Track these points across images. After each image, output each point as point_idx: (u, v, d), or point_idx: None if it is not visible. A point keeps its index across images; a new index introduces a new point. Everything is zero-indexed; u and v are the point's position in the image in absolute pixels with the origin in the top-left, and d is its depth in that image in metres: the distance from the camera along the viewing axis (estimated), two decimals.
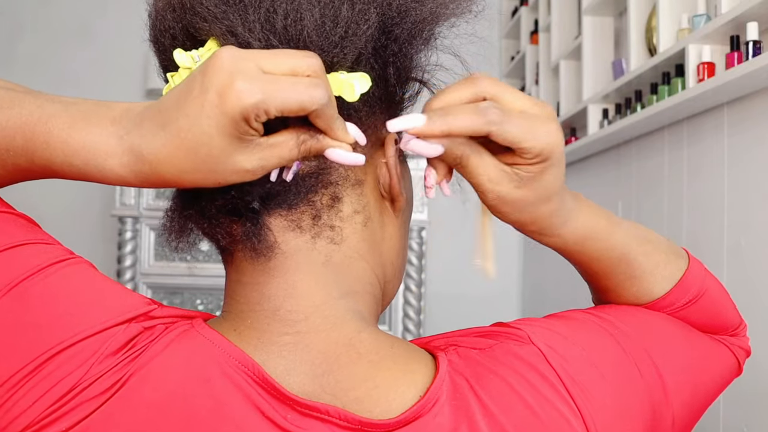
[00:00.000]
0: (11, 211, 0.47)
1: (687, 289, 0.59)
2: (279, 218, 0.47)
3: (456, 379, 0.45)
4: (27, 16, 3.01)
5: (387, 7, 0.47)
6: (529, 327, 0.50)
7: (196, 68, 0.42)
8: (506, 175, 0.47)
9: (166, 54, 0.49)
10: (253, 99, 0.39)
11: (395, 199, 0.52)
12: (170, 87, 0.48)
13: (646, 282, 0.58)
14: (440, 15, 0.50)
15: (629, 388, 0.50)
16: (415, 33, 0.49)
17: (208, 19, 0.45)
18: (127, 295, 0.45)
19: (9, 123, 0.43)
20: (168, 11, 0.48)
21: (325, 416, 0.43)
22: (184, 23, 0.47)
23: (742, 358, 0.63)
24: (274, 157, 0.43)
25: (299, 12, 0.45)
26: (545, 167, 0.46)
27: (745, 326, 0.64)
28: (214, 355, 0.44)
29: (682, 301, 0.59)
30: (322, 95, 0.41)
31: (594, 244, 0.55)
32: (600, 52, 1.98)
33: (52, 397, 0.41)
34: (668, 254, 0.59)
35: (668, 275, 0.58)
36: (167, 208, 0.51)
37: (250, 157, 0.42)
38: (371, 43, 0.47)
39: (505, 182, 0.47)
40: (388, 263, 0.53)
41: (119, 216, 2.48)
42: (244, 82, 0.39)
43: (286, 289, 0.47)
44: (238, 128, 0.40)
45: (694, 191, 1.55)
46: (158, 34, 0.49)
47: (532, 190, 0.47)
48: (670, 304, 0.59)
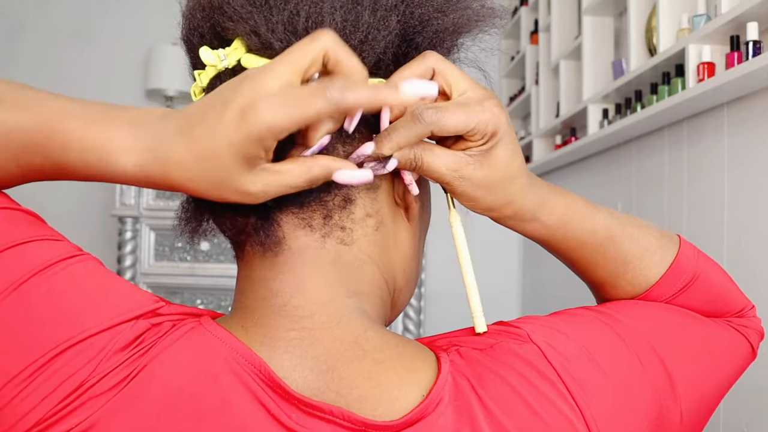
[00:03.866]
0: (17, 208, 0.47)
1: (681, 272, 0.58)
2: (290, 215, 0.48)
3: (458, 380, 0.45)
4: (27, 15, 3.01)
5: (409, 15, 0.48)
6: (529, 325, 0.50)
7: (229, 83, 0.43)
8: (461, 159, 0.48)
9: (194, 52, 0.50)
10: (268, 123, 0.40)
11: (408, 206, 0.52)
12: (197, 84, 0.49)
13: (638, 268, 0.57)
14: (462, 26, 0.51)
15: (631, 382, 0.50)
16: (436, 43, 0.50)
17: (234, 19, 0.47)
18: (135, 292, 0.46)
19: (28, 122, 0.44)
20: (198, 10, 0.49)
21: (329, 416, 0.43)
22: (212, 22, 0.48)
23: (755, 341, 0.61)
24: (280, 184, 0.44)
25: (321, 15, 0.46)
26: (495, 143, 0.48)
27: (754, 307, 0.63)
28: (222, 352, 0.44)
29: (678, 285, 0.58)
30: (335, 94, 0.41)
31: (576, 225, 0.55)
32: (600, 52, 1.98)
33: (61, 394, 0.41)
34: (658, 239, 0.58)
35: (659, 259, 0.58)
36: (182, 202, 0.51)
37: (255, 180, 0.43)
38: (392, 49, 0.48)
39: (463, 165, 0.48)
40: (399, 270, 0.53)
41: (119, 216, 2.48)
42: (267, 107, 0.40)
43: (294, 286, 0.48)
44: (249, 149, 0.41)
45: (694, 191, 1.55)
46: (188, 33, 0.50)
47: (491, 168, 0.49)
48: (666, 291, 0.58)
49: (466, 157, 0.48)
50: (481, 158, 0.48)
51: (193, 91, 0.50)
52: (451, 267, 3.15)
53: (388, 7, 0.47)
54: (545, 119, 2.45)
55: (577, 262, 0.58)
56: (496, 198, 0.50)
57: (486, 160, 0.48)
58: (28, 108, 0.44)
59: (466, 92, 0.48)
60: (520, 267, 2.98)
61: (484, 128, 0.47)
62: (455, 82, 0.48)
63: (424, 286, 2.56)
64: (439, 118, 0.46)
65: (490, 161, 0.48)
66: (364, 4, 0.47)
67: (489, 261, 2.95)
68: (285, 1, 0.46)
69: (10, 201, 0.47)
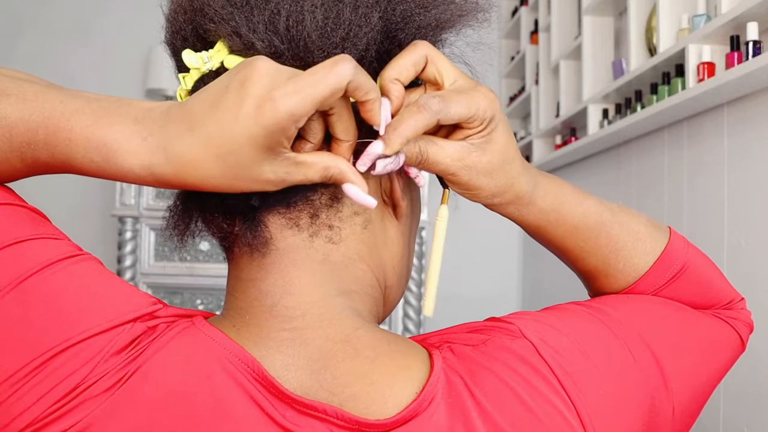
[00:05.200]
0: (21, 204, 0.47)
1: (671, 262, 0.58)
2: (277, 215, 0.48)
3: (451, 377, 0.45)
4: (27, 15, 3.01)
5: (391, 12, 0.48)
6: (522, 320, 0.50)
7: (230, 75, 0.42)
8: (464, 147, 0.48)
9: (178, 55, 0.50)
10: (288, 111, 0.40)
11: (396, 205, 0.52)
12: (182, 88, 0.49)
13: (629, 256, 0.57)
14: (445, 22, 0.51)
15: (623, 375, 0.50)
16: (419, 38, 0.49)
17: (215, 21, 0.46)
18: (133, 293, 0.46)
19: (32, 117, 0.44)
20: (179, 13, 0.49)
21: (322, 415, 0.43)
22: (194, 25, 0.48)
23: (744, 334, 0.61)
24: (299, 173, 0.44)
25: (302, 13, 0.45)
26: (493, 127, 0.48)
27: (743, 300, 0.63)
28: (215, 352, 0.44)
29: (667, 275, 0.58)
30: (347, 67, 0.41)
31: (567, 209, 0.55)
32: (600, 52, 1.98)
33: (56, 395, 0.41)
34: (648, 227, 0.59)
35: (649, 249, 0.58)
36: (169, 205, 0.51)
37: (277, 169, 0.43)
38: (374, 46, 0.48)
39: (467, 154, 0.49)
40: (390, 268, 0.53)
41: (119, 216, 2.48)
42: (282, 96, 0.40)
43: (283, 286, 0.48)
44: (272, 140, 0.41)
45: (694, 191, 1.55)
46: (171, 36, 0.50)
47: (492, 153, 0.49)
48: (656, 281, 0.58)
49: (468, 146, 0.48)
50: (483, 144, 0.49)
51: (179, 94, 0.50)
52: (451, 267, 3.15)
53: (369, 3, 0.47)
54: (545, 119, 2.45)
55: (570, 252, 0.58)
56: (499, 182, 0.50)
57: (487, 146, 0.49)
58: (33, 102, 0.44)
59: (457, 80, 0.48)
60: (520, 267, 2.98)
61: (482, 114, 0.47)
62: (446, 71, 0.48)
63: (424, 286, 2.56)
64: (444, 107, 0.46)
65: (491, 146, 0.49)
66: (345, 1, 0.46)
67: (489, 262, 2.95)
68: (265, 1, 0.46)
69: (13, 197, 0.47)
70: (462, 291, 2.84)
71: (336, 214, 0.49)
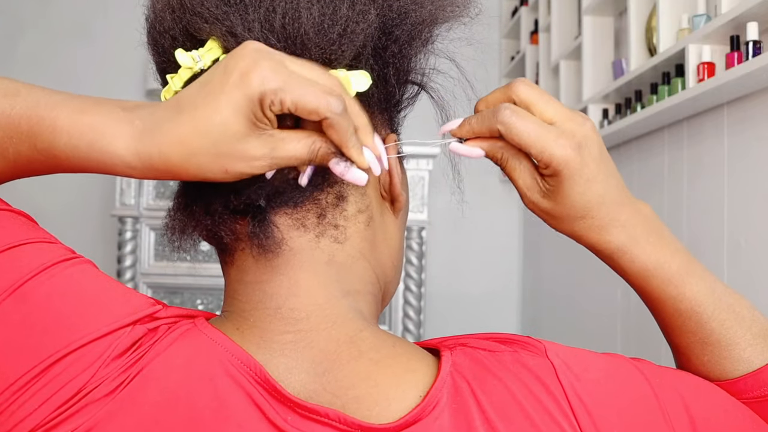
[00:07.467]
0: (9, 209, 0.47)
1: (765, 381, 0.51)
2: (284, 216, 0.47)
3: (458, 381, 0.45)
4: (27, 15, 3.01)
5: (387, 8, 0.48)
6: (552, 344, 0.49)
7: (221, 61, 0.43)
8: (533, 183, 0.49)
9: (164, 56, 0.49)
10: (273, 84, 0.40)
11: (395, 199, 0.52)
12: (169, 89, 0.48)
13: (719, 357, 0.52)
14: (438, 17, 0.50)
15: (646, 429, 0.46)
16: (415, 34, 0.49)
17: (209, 20, 0.46)
18: (131, 296, 0.45)
19: (14, 110, 0.43)
20: (167, 12, 0.48)
21: (324, 419, 0.42)
22: (184, 24, 0.47)
23: None
24: (284, 151, 0.43)
25: (298, 11, 0.45)
26: (560, 180, 0.48)
27: None
28: (218, 354, 0.44)
29: (757, 393, 0.52)
30: (338, 105, 0.41)
31: (660, 285, 0.52)
32: (600, 52, 1.98)
33: (59, 400, 0.41)
34: (755, 336, 0.52)
35: (746, 357, 0.52)
36: (170, 207, 0.51)
37: (261, 145, 0.42)
38: (371, 42, 0.47)
39: (535, 191, 0.49)
40: (388, 263, 0.53)
41: (119, 216, 2.48)
42: (268, 68, 0.40)
43: (289, 288, 0.47)
44: (254, 111, 0.41)
45: (694, 191, 1.54)
46: (157, 36, 0.49)
47: (558, 203, 0.49)
48: (739, 391, 0.52)
49: (541, 184, 0.49)
50: (550, 189, 0.49)
51: (164, 95, 0.49)
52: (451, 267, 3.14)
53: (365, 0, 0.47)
54: None
55: (656, 317, 0.55)
56: (560, 228, 0.51)
57: (554, 196, 0.49)
58: (16, 96, 0.44)
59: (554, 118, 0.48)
60: (520, 267, 2.98)
61: (548, 159, 0.47)
62: (543, 114, 0.48)
63: (424, 286, 2.56)
64: (511, 122, 0.46)
65: (557, 197, 0.49)
66: None
67: (489, 261, 2.95)
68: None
69: (1, 202, 0.47)
70: (462, 290, 2.84)
71: (341, 213, 0.49)
